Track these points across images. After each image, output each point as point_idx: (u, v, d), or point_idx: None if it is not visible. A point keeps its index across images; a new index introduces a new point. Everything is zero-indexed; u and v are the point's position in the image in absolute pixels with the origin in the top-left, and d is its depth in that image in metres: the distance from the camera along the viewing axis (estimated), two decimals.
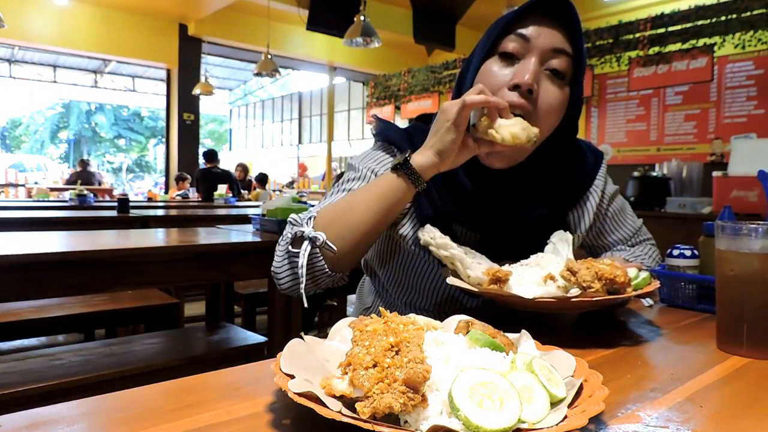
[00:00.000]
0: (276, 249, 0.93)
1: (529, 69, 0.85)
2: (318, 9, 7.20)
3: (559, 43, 0.88)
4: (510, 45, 0.88)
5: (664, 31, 5.35)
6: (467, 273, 0.81)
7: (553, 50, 0.87)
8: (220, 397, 0.52)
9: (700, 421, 0.48)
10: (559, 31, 0.89)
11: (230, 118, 19.24)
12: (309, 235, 0.84)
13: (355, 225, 0.85)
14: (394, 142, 1.01)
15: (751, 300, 0.68)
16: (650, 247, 1.17)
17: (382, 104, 8.73)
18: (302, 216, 0.89)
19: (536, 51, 0.87)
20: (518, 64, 0.87)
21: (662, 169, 3.99)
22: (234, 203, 5.92)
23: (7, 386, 1.56)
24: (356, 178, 0.99)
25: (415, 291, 1.01)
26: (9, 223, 2.89)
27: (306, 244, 0.84)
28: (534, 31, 0.87)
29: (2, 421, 0.45)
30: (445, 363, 0.48)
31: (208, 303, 2.55)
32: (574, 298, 0.72)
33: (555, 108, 0.89)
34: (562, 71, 0.88)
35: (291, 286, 0.90)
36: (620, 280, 0.75)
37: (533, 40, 0.87)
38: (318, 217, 0.88)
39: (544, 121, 0.88)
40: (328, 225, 0.86)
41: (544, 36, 0.87)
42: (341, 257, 0.86)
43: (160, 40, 9.72)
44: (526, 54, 0.87)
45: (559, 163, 0.98)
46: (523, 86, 0.85)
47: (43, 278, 1.51)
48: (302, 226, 0.86)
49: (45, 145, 24.32)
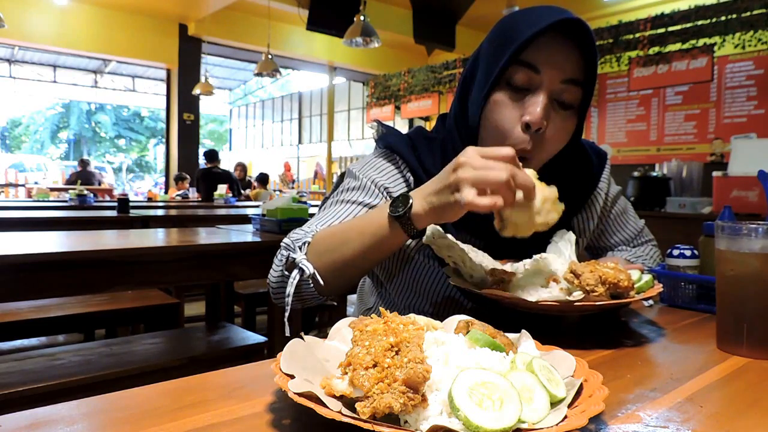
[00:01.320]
0: (274, 261, 0.91)
1: (540, 106, 0.82)
2: (318, 9, 7.20)
3: (571, 72, 0.83)
4: (519, 78, 0.83)
5: (664, 31, 5.35)
6: (469, 273, 0.81)
7: (563, 81, 0.83)
8: (220, 397, 0.52)
9: (700, 421, 0.48)
10: (571, 57, 0.83)
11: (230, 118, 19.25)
12: (299, 264, 0.82)
13: (348, 259, 0.82)
14: (396, 150, 0.98)
15: (751, 300, 0.68)
16: (651, 247, 1.17)
17: (382, 104, 8.73)
18: (297, 239, 0.87)
19: (546, 85, 0.83)
20: (529, 98, 0.84)
21: (662, 169, 3.99)
22: (234, 203, 5.92)
23: (7, 386, 1.56)
24: (357, 188, 0.96)
25: (414, 293, 1.01)
26: (9, 223, 2.89)
27: (295, 273, 0.83)
28: (545, 61, 0.82)
29: (2, 421, 0.45)
30: (445, 363, 0.48)
31: (208, 303, 2.55)
32: (578, 302, 0.73)
33: (560, 138, 0.87)
34: (570, 102, 0.85)
35: (280, 301, 0.89)
36: (624, 284, 0.75)
37: (544, 71, 0.82)
38: (313, 243, 0.85)
39: (547, 151, 0.87)
40: (321, 254, 0.84)
41: (556, 66, 0.82)
42: (330, 286, 0.85)
43: (160, 40, 9.72)
44: (537, 87, 0.83)
45: (564, 168, 0.95)
46: (534, 126, 0.82)
47: (43, 278, 1.51)
48: (295, 252, 0.85)
49: (45, 145, 24.32)
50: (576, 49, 0.83)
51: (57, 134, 24.68)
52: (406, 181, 0.97)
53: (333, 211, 0.94)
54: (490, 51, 0.87)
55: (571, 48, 0.83)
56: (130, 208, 3.60)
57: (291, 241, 0.88)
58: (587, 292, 0.73)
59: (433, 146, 0.97)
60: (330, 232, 0.86)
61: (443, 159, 0.93)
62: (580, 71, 0.85)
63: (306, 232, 0.89)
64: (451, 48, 8.67)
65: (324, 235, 0.85)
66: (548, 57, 0.82)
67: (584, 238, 1.06)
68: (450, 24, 8.59)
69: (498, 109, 0.85)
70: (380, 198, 0.95)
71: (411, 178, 0.97)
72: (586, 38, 0.82)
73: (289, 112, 15.54)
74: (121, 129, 25.40)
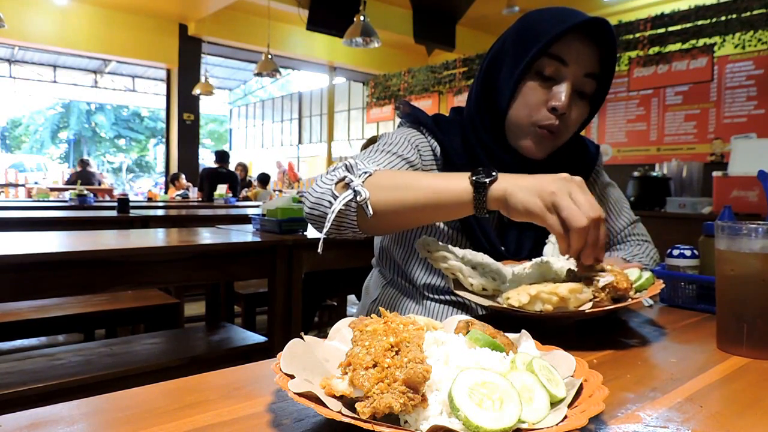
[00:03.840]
0: (321, 178, 0.90)
1: (565, 94, 0.92)
2: (318, 9, 7.20)
3: (592, 67, 0.94)
4: (549, 68, 0.93)
5: (664, 31, 5.35)
6: (469, 281, 0.82)
7: (586, 75, 0.94)
8: (220, 397, 0.52)
9: (700, 421, 0.48)
10: (595, 53, 0.94)
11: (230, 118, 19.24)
12: (355, 188, 0.82)
13: (404, 204, 0.82)
14: (422, 122, 1.05)
15: (751, 300, 0.68)
16: (646, 244, 1.18)
17: (382, 104, 8.73)
18: (360, 166, 0.86)
19: (571, 76, 0.93)
20: (555, 86, 0.94)
21: (662, 169, 3.99)
22: (234, 203, 5.93)
23: (7, 386, 1.56)
24: (392, 143, 1.01)
25: (434, 271, 1.03)
26: (9, 223, 2.89)
27: (347, 194, 0.83)
28: (572, 55, 0.92)
29: (2, 421, 0.45)
30: (445, 363, 0.48)
31: (208, 303, 2.55)
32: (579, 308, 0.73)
33: (578, 123, 0.99)
34: (588, 92, 0.97)
35: (315, 217, 0.88)
36: (623, 286, 0.75)
37: (571, 64, 0.92)
38: (374, 177, 0.85)
39: (568, 133, 0.98)
40: (380, 188, 0.83)
41: (580, 60, 0.92)
42: (374, 222, 0.84)
43: (160, 40, 9.72)
44: (563, 78, 0.93)
45: (566, 152, 1.05)
46: (560, 110, 0.93)
47: (43, 278, 1.51)
48: (355, 176, 0.84)
49: (45, 145, 24.32)
50: (596, 46, 0.93)
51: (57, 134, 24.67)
52: (433, 150, 1.05)
53: (377, 158, 0.98)
54: (518, 43, 0.95)
55: (593, 46, 0.93)
56: (130, 208, 3.60)
57: (354, 164, 0.87)
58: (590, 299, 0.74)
59: (453, 127, 1.06)
60: (394, 173, 0.89)
61: (463, 138, 1.04)
62: (598, 66, 0.95)
63: (367, 165, 0.88)
64: (451, 48, 8.67)
65: (386, 173, 0.87)
66: (574, 52, 0.92)
67: None
68: (450, 24, 8.59)
69: (528, 93, 0.95)
70: (414, 152, 1.01)
71: (437, 147, 1.04)
72: (608, 37, 0.93)
73: (289, 112, 15.53)
74: (120, 129, 25.39)
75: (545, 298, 0.72)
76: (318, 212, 0.87)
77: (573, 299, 0.72)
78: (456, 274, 0.83)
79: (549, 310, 0.72)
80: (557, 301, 0.72)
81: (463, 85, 7.49)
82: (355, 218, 0.84)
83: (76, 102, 23.03)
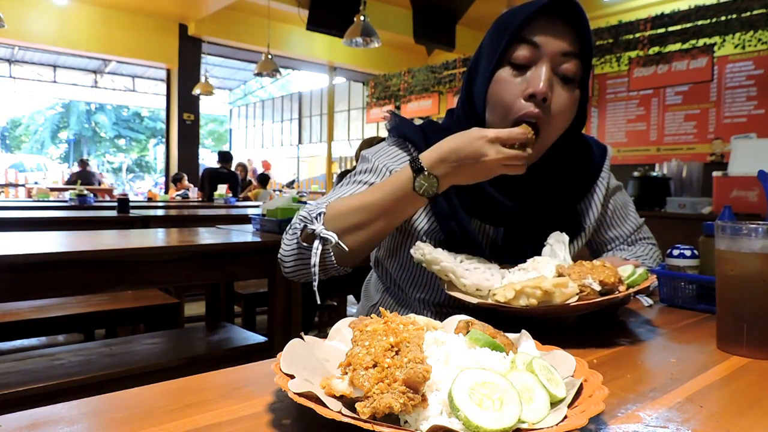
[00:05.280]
0: (284, 237, 0.94)
1: (542, 77, 0.85)
2: (318, 9, 7.20)
3: (569, 46, 0.88)
4: (521, 54, 0.87)
5: (664, 31, 5.35)
6: (462, 282, 0.82)
7: (563, 54, 0.87)
8: (220, 397, 0.52)
9: (700, 421, 0.48)
10: (567, 32, 0.88)
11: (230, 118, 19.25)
12: (320, 235, 0.84)
13: (367, 224, 0.85)
14: (409, 138, 1.01)
15: (751, 300, 0.68)
16: (651, 246, 1.17)
17: (382, 104, 8.73)
18: (311, 211, 0.88)
19: (547, 57, 0.87)
20: (531, 72, 0.88)
21: (662, 169, 3.99)
22: (234, 203, 5.93)
23: (7, 386, 1.56)
24: (369, 171, 0.99)
25: (429, 287, 1.01)
26: (9, 223, 2.89)
27: (317, 243, 0.85)
28: (543, 37, 0.87)
29: (2, 421, 0.45)
30: (445, 363, 0.48)
31: (208, 303, 2.55)
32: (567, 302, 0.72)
33: (567, 112, 0.90)
34: (572, 75, 0.89)
35: (296, 273, 0.93)
36: (611, 281, 0.75)
37: (543, 46, 0.87)
38: (327, 213, 0.87)
39: (557, 125, 0.90)
40: (338, 219, 0.86)
41: (554, 40, 0.87)
42: (351, 254, 0.87)
43: (160, 40, 9.72)
44: (538, 61, 0.87)
45: (569, 157, 0.99)
46: (539, 95, 0.85)
47: (43, 278, 1.51)
48: (313, 224, 0.86)
49: (45, 145, 24.32)
50: (570, 25, 0.88)
51: (57, 134, 24.67)
52: None
53: (344, 189, 0.97)
54: (492, 38, 0.92)
55: (566, 24, 0.88)
56: (130, 208, 3.60)
57: (307, 213, 0.89)
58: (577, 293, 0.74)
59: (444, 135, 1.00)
60: (345, 199, 0.90)
61: None
62: (576, 45, 0.89)
63: (318, 204, 0.90)
64: (451, 48, 8.67)
65: (338, 203, 0.88)
66: (546, 33, 0.87)
67: (589, 226, 1.07)
68: (450, 24, 8.58)
69: (501, 85, 0.89)
70: None
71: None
72: (579, 15, 0.88)
73: (289, 112, 15.53)
74: (121, 129, 25.40)
75: (529, 292, 0.72)
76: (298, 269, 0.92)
77: (558, 293, 0.72)
78: (449, 275, 0.83)
79: (534, 305, 0.71)
80: (541, 295, 0.71)
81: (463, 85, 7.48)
82: (334, 260, 0.87)
83: (76, 102, 23.04)
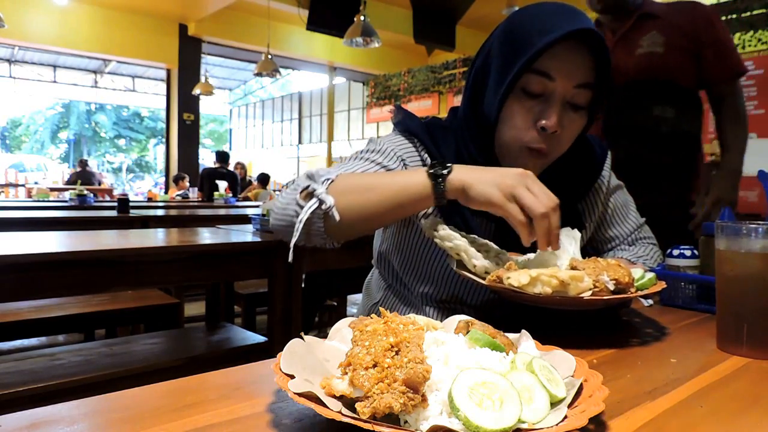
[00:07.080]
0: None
1: (554, 111, 0.86)
2: (318, 9, 7.21)
3: (583, 77, 0.87)
4: (534, 86, 0.87)
5: None
6: (473, 263, 0.81)
7: (577, 86, 0.87)
8: (220, 397, 0.52)
9: (700, 421, 0.48)
10: (585, 63, 0.87)
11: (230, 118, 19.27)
12: (319, 196, 0.83)
13: (369, 206, 0.83)
14: (414, 133, 1.01)
15: (751, 300, 0.68)
16: (651, 246, 1.17)
17: (382, 104, 8.74)
18: (321, 173, 0.87)
19: (560, 91, 0.86)
20: (543, 102, 0.88)
21: None
22: (234, 203, 5.93)
23: (7, 386, 1.56)
24: (378, 152, 0.98)
25: (432, 281, 1.01)
26: (9, 223, 2.89)
27: (313, 202, 0.83)
28: (558, 69, 0.85)
29: (2, 421, 0.45)
30: (445, 363, 0.48)
31: (208, 303, 2.56)
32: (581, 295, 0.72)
33: (574, 135, 0.92)
34: (583, 104, 0.89)
35: (281, 225, 0.89)
36: (625, 280, 0.75)
37: (558, 78, 0.86)
38: (336, 181, 0.85)
39: (562, 148, 0.92)
40: (343, 193, 0.84)
41: (569, 72, 0.86)
42: (342, 227, 0.85)
43: (160, 40, 9.73)
44: (550, 94, 0.87)
45: (570, 155, 0.99)
46: (550, 130, 0.86)
47: (43, 278, 1.51)
48: (317, 184, 0.84)
49: (45, 145, 24.34)
50: (587, 54, 0.87)
51: (57, 134, 24.69)
52: (423, 161, 1.00)
53: (353, 164, 0.96)
54: (503, 55, 0.90)
55: (583, 53, 0.86)
56: (130, 208, 3.60)
57: (314, 173, 0.87)
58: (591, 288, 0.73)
59: (447, 135, 1.01)
60: (355, 176, 0.88)
61: (456, 148, 0.99)
62: (591, 74, 0.88)
63: (329, 171, 0.88)
64: (451, 48, 8.67)
65: (348, 177, 0.87)
66: (561, 65, 0.85)
67: (591, 223, 1.07)
68: (450, 24, 8.59)
69: (513, 113, 0.89)
70: (398, 164, 0.98)
71: (428, 159, 1.00)
72: (599, 45, 0.86)
73: (289, 112, 15.54)
74: (121, 129, 25.42)
75: (545, 280, 0.71)
76: (285, 222, 0.87)
77: (573, 286, 0.71)
78: (461, 254, 0.82)
79: (548, 293, 0.71)
80: (557, 284, 0.71)
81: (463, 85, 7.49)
82: (323, 226, 0.85)
83: (76, 102, 23.05)
